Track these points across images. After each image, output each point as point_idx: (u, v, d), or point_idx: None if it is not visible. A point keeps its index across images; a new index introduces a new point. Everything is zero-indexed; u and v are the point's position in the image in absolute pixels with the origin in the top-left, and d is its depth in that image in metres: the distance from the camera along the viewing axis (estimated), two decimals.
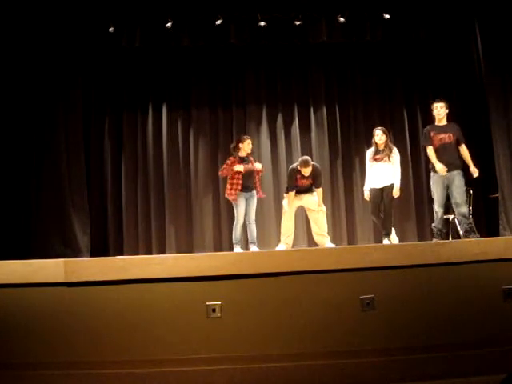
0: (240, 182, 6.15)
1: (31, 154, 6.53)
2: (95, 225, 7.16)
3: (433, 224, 6.03)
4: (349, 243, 7.46)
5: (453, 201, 5.81)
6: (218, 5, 6.95)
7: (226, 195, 6.29)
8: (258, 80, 7.81)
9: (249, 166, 6.29)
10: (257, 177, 6.39)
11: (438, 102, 6.04)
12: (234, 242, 6.32)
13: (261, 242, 6.86)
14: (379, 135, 6.18)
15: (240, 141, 6.34)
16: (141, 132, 7.63)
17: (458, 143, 5.87)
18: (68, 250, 6.43)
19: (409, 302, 3.58)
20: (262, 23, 6.95)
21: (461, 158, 5.85)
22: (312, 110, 7.77)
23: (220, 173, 6.45)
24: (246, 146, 6.29)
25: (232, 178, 6.19)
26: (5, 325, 3.48)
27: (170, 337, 3.46)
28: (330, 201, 7.55)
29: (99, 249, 7.03)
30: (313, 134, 7.71)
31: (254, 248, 6.30)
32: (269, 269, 3.55)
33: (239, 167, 6.13)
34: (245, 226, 6.44)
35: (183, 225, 7.48)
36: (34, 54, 6.52)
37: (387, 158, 6.15)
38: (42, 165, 6.56)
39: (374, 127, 6.53)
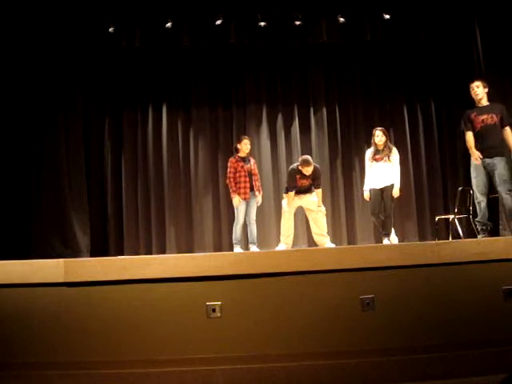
0: (248, 182, 6.19)
1: (31, 154, 6.53)
2: (95, 225, 7.17)
3: (476, 218, 5.50)
4: (349, 243, 7.47)
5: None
6: (218, 5, 6.95)
7: (236, 196, 6.25)
8: (258, 80, 7.81)
9: (249, 166, 6.31)
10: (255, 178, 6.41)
11: (473, 81, 5.48)
12: (234, 242, 6.33)
13: (261, 242, 6.87)
14: (379, 136, 6.18)
15: (238, 141, 6.38)
16: (141, 132, 7.64)
17: (501, 124, 5.29)
18: (68, 250, 6.44)
19: (409, 302, 3.58)
20: (262, 23, 6.95)
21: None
22: (312, 110, 7.77)
23: (227, 181, 6.43)
24: (243, 146, 6.33)
25: (239, 182, 6.20)
26: (5, 325, 3.48)
27: (170, 337, 3.46)
28: (330, 201, 7.55)
29: (99, 249, 7.04)
30: (313, 134, 7.71)
31: (254, 248, 6.31)
32: (269, 269, 3.55)
33: (236, 200, 6.18)
34: (245, 226, 6.44)
35: (183, 225, 7.48)
36: (35, 54, 6.53)
37: (387, 158, 6.15)
38: (41, 165, 6.56)
39: (374, 127, 6.54)
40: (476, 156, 5.27)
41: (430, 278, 3.62)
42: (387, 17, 6.99)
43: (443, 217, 7.02)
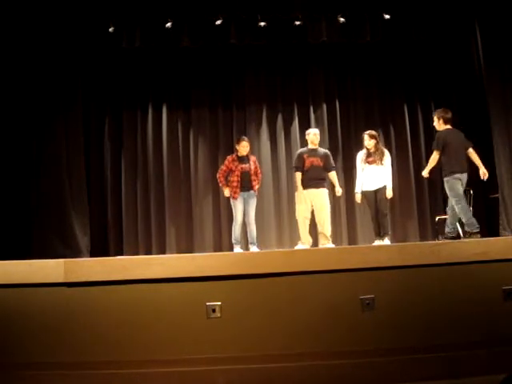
0: (239, 181, 6.19)
1: (31, 155, 6.52)
2: (95, 225, 7.16)
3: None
4: (349, 243, 7.47)
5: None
6: (218, 5, 6.95)
7: (226, 188, 6.34)
8: (258, 80, 7.81)
9: (247, 165, 6.32)
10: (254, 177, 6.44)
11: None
12: (233, 242, 6.33)
13: (261, 242, 6.87)
14: (366, 140, 6.35)
15: (237, 142, 6.47)
16: (141, 132, 7.64)
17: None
18: (68, 250, 6.43)
19: (409, 302, 3.58)
20: (262, 23, 6.95)
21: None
22: (312, 109, 7.78)
23: (217, 175, 6.51)
24: (240, 148, 6.39)
25: (232, 181, 6.23)
26: (5, 325, 3.48)
27: (170, 337, 3.46)
28: (330, 200, 7.54)
29: (99, 249, 7.03)
30: None
31: (254, 248, 6.30)
32: (269, 269, 3.55)
33: (227, 192, 6.33)
34: (245, 226, 6.44)
35: (183, 225, 7.48)
36: (35, 54, 6.52)
37: (379, 160, 6.24)
38: (41, 165, 6.56)
39: (374, 126, 6.58)
40: None
41: (429, 278, 3.62)
42: (387, 17, 6.99)
43: (443, 217, 7.01)
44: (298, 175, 6.38)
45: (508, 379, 2.32)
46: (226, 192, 6.35)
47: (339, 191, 6.44)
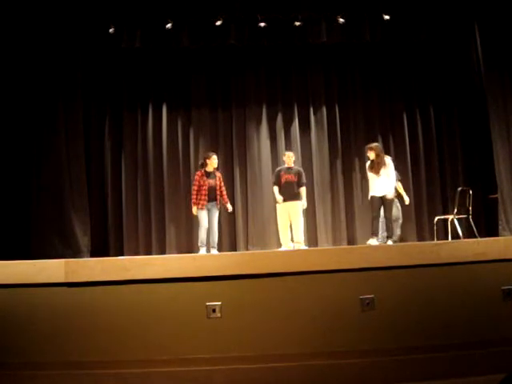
0: (206, 195, 6.48)
1: (31, 155, 6.54)
2: (95, 225, 7.17)
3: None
4: (349, 243, 7.48)
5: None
6: (218, 5, 6.96)
7: (193, 204, 6.53)
8: (258, 80, 7.81)
9: (213, 181, 6.54)
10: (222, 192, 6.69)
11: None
12: (199, 245, 6.59)
13: (261, 242, 6.90)
14: (367, 153, 6.50)
15: (207, 157, 6.64)
16: (141, 132, 7.64)
17: None
18: (68, 250, 6.45)
19: (409, 302, 3.58)
20: (262, 23, 6.96)
21: None
22: (312, 109, 7.79)
23: (192, 193, 6.59)
24: (213, 162, 6.62)
25: (200, 194, 6.46)
26: (5, 325, 3.48)
27: (170, 337, 3.46)
28: (330, 200, 7.58)
29: (99, 249, 7.04)
30: (312, 134, 7.73)
31: (214, 251, 6.55)
32: (269, 269, 3.55)
33: (195, 210, 6.54)
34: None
35: (183, 225, 7.49)
36: (35, 55, 6.53)
37: (379, 170, 6.34)
38: (42, 165, 6.57)
39: (374, 127, 6.59)
40: None
41: (429, 278, 3.62)
42: (387, 17, 6.99)
43: (442, 217, 7.03)
44: (276, 189, 6.91)
45: (508, 379, 2.32)
46: (195, 210, 6.55)
47: (304, 205, 6.82)
